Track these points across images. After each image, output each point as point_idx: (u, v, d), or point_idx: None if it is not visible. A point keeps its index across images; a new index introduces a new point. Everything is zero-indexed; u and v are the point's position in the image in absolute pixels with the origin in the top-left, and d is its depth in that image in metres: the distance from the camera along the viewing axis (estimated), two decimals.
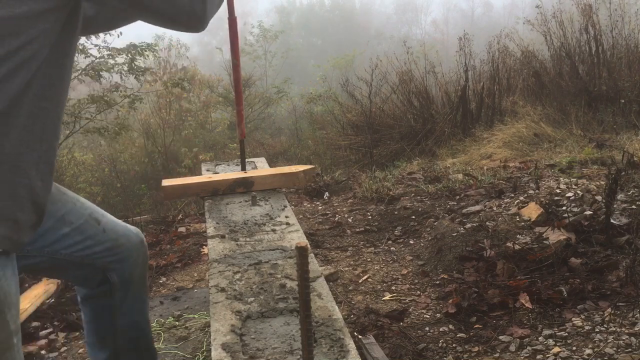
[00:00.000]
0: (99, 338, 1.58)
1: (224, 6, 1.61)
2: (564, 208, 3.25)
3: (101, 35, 7.94)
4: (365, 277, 3.05)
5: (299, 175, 2.15)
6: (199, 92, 13.55)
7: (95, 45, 8.27)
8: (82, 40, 7.50)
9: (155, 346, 2.31)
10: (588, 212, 3.07)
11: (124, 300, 1.55)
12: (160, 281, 3.33)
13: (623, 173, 3.41)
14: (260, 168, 2.48)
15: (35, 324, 2.81)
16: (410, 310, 2.61)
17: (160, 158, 11.22)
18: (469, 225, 3.28)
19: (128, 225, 1.54)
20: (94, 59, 8.37)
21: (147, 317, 1.68)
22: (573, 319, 2.26)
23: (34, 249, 1.34)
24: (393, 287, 2.90)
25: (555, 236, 2.86)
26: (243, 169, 2.33)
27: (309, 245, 1.27)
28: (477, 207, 3.64)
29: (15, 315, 1.15)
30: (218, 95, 13.42)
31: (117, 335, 1.57)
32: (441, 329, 2.39)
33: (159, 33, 16.46)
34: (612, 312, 2.25)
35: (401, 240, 3.58)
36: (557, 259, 2.66)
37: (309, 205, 4.67)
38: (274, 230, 1.56)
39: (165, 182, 2.20)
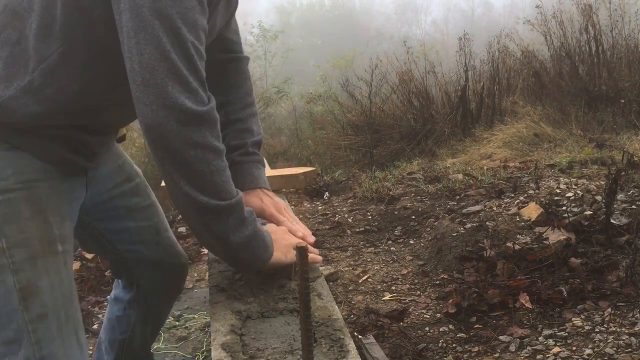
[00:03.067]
0: (111, 340, 1.59)
1: None
2: (564, 208, 3.25)
3: None
4: (365, 277, 3.05)
5: (298, 178, 2.15)
6: None
7: None
8: None
9: (155, 346, 2.33)
10: (588, 212, 3.07)
11: (140, 320, 1.56)
12: None
13: (623, 173, 3.41)
14: None
15: None
16: (410, 310, 2.61)
17: None
18: (469, 225, 3.28)
19: (181, 250, 1.53)
20: None
21: (156, 336, 1.70)
22: (573, 319, 2.26)
23: (98, 227, 1.37)
24: (393, 287, 2.90)
25: (555, 236, 2.86)
26: None
27: (309, 245, 1.27)
28: (477, 207, 3.64)
29: (67, 226, 1.13)
30: None
31: (124, 344, 1.58)
32: (441, 329, 2.39)
33: None
34: (612, 312, 2.25)
35: (401, 240, 3.58)
36: (557, 259, 2.66)
37: (309, 205, 4.67)
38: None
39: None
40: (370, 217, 4.09)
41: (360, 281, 3.01)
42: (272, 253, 1.14)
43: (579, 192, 3.46)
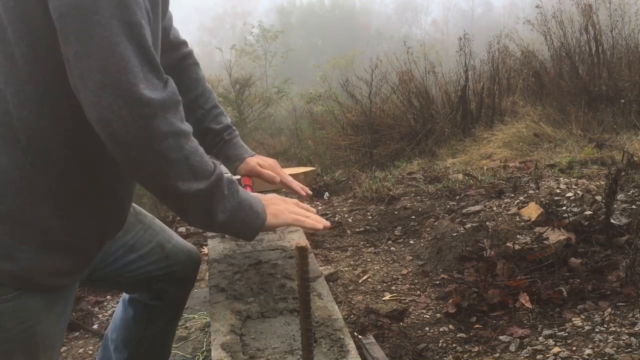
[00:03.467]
0: (125, 339, 1.59)
1: None
2: (564, 208, 3.25)
3: None
4: (365, 277, 3.05)
5: (298, 178, 2.15)
6: None
7: None
8: None
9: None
10: (588, 212, 3.07)
11: (162, 315, 1.57)
12: None
13: (623, 173, 3.41)
14: None
15: None
16: (410, 310, 2.61)
17: None
18: (469, 225, 3.28)
19: (189, 247, 1.54)
20: None
21: (174, 331, 1.70)
22: (573, 319, 2.26)
23: (100, 274, 1.34)
24: (393, 287, 2.90)
25: (555, 236, 2.86)
26: None
27: (309, 245, 1.27)
28: (477, 207, 3.64)
29: (50, 356, 1.13)
30: (218, 95, 13.39)
31: (142, 341, 1.58)
32: (441, 329, 2.39)
33: None
34: (612, 312, 2.25)
35: (401, 240, 3.58)
36: (557, 259, 2.66)
37: (309, 205, 4.66)
38: (274, 230, 1.56)
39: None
40: (370, 217, 4.09)
41: (360, 281, 3.00)
42: (266, 218, 1.15)
43: (579, 192, 3.46)
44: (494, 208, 3.54)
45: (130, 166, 0.98)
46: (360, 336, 2.29)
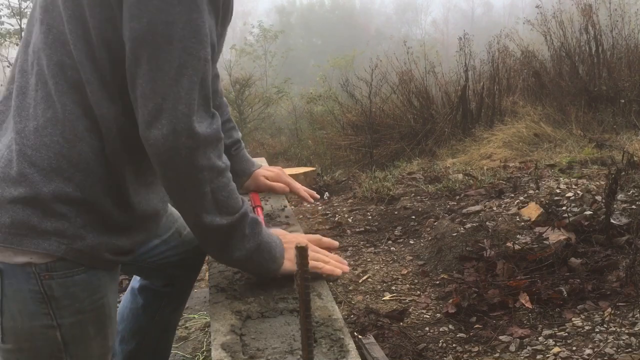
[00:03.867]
0: (132, 329, 1.61)
1: None
2: (564, 208, 3.25)
3: None
4: (365, 277, 3.05)
5: (299, 178, 2.15)
6: None
7: None
8: None
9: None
10: (588, 212, 3.07)
11: (170, 302, 1.60)
12: None
13: (623, 173, 3.41)
14: None
15: None
16: (410, 310, 2.61)
17: None
18: (469, 225, 3.28)
19: None
20: None
21: (177, 322, 1.72)
22: (573, 319, 2.26)
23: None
24: (393, 287, 2.90)
25: (555, 236, 2.86)
26: None
27: (309, 245, 1.27)
28: (477, 207, 3.64)
29: (114, 330, 1.19)
30: None
31: (149, 331, 1.60)
32: (441, 329, 2.39)
33: None
34: (612, 312, 2.25)
35: (401, 240, 3.58)
36: (557, 259, 2.67)
37: (309, 205, 4.67)
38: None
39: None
40: (370, 217, 4.09)
41: (360, 281, 3.01)
42: (282, 263, 1.17)
43: (579, 192, 3.47)
44: (494, 208, 3.54)
45: (164, 183, 1.05)
46: (360, 336, 2.29)
